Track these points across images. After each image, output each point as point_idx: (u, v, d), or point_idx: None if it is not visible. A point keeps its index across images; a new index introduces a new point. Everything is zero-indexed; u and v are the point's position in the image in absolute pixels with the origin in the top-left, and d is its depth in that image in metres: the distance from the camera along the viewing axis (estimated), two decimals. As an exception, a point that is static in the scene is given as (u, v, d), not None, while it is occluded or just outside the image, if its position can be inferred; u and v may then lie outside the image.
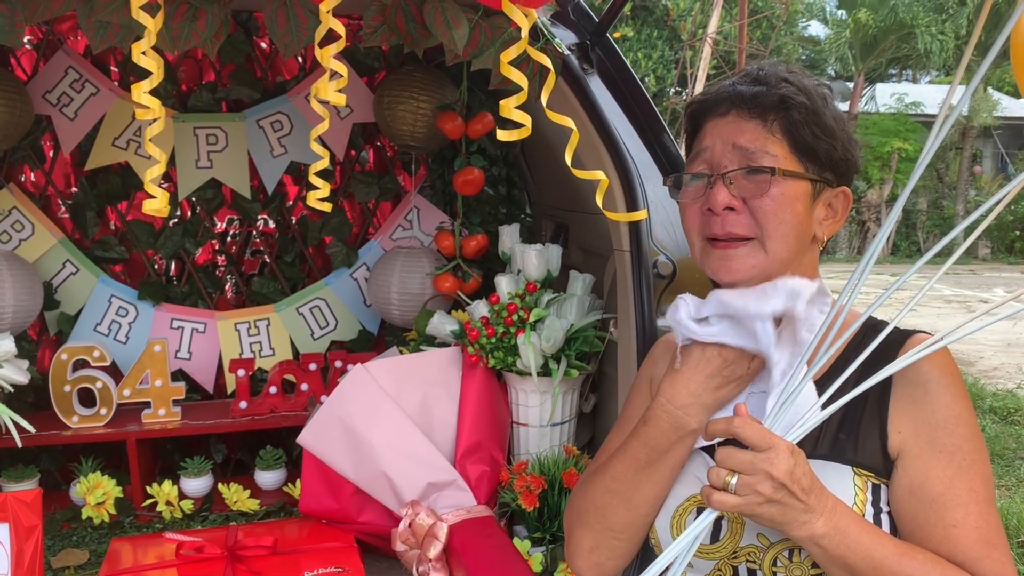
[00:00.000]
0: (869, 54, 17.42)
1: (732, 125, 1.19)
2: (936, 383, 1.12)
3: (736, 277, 1.17)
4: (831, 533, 1.01)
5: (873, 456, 1.13)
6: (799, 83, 1.19)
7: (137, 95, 1.57)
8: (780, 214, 1.15)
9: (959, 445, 1.10)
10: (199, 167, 2.90)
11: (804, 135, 1.16)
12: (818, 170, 1.18)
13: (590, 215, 2.52)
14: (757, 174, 1.15)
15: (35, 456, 2.75)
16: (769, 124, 1.17)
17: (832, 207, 1.22)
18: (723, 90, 1.22)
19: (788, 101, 1.16)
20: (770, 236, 1.15)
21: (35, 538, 1.83)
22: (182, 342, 2.93)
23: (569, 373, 2.30)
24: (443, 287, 2.79)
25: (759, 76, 1.20)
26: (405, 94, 2.75)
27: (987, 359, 8.57)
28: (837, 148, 1.19)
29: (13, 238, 2.78)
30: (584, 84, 1.96)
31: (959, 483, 1.08)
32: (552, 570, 2.16)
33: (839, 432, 1.15)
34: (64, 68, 2.76)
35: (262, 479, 2.71)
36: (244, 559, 2.03)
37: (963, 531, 1.07)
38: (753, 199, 1.15)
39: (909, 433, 1.11)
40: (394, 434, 2.23)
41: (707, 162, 1.20)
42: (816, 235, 1.21)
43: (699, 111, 1.25)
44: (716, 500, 1.01)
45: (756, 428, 1.02)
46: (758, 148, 1.16)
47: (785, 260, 1.17)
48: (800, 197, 1.16)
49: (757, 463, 0.99)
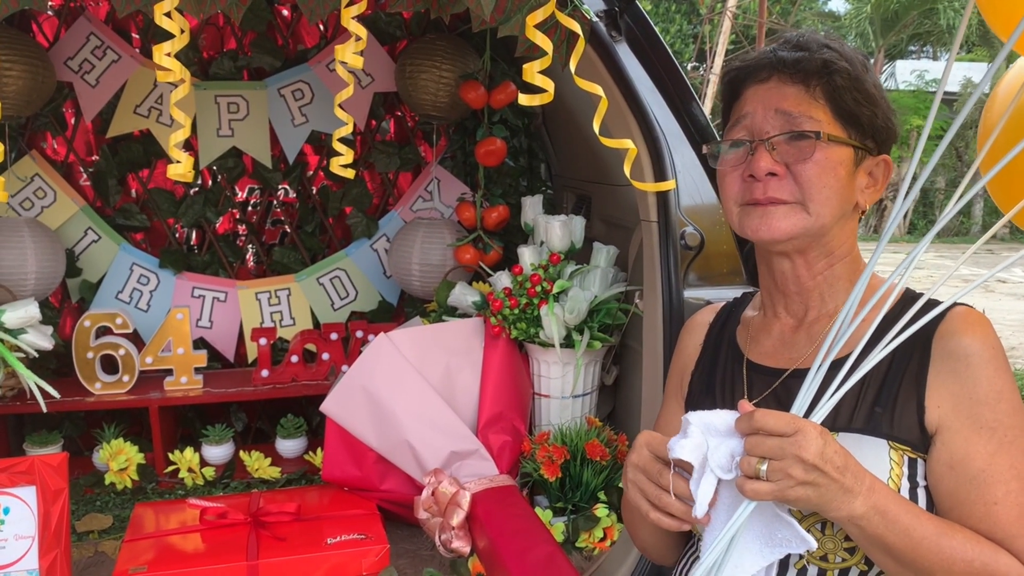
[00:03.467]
0: (890, 30, 17.16)
1: (774, 90, 1.17)
2: (978, 357, 1.09)
3: (776, 235, 1.16)
4: (870, 513, 0.99)
5: (910, 430, 1.11)
6: (841, 49, 1.18)
7: (159, 57, 1.55)
8: (823, 179, 1.14)
9: (1001, 420, 1.07)
10: (220, 135, 2.89)
11: (847, 101, 1.15)
12: (860, 137, 1.17)
13: (614, 186, 2.49)
14: (801, 139, 1.14)
15: (58, 422, 2.78)
16: (812, 89, 1.15)
17: (873, 175, 1.21)
18: (764, 56, 1.20)
19: (831, 66, 1.15)
20: (813, 199, 1.14)
21: (62, 501, 1.84)
22: (203, 311, 2.94)
23: (592, 345, 2.29)
24: (464, 258, 2.78)
25: (800, 42, 1.19)
26: (427, 63, 2.73)
27: (1006, 339, 8.51)
28: (879, 115, 1.18)
29: (36, 205, 2.78)
30: (612, 51, 1.93)
31: (1001, 459, 1.06)
32: (574, 540, 2.17)
33: (875, 405, 1.13)
34: (86, 35, 2.75)
35: (283, 447, 2.72)
36: (268, 525, 2.04)
37: (1004, 508, 1.05)
38: (796, 164, 1.14)
39: (949, 408, 1.09)
40: (417, 403, 2.23)
41: (747, 128, 1.19)
42: (858, 203, 1.20)
43: (738, 77, 1.23)
44: (750, 489, 0.99)
45: (779, 415, 1.00)
46: (801, 113, 1.15)
47: (827, 224, 1.16)
48: (843, 163, 1.15)
49: (786, 447, 0.97)
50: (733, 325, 1.37)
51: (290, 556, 1.91)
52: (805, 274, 1.22)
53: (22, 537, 1.81)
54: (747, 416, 1.01)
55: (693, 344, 1.40)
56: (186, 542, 1.99)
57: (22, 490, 1.81)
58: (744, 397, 1.24)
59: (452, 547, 2.09)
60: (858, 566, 1.12)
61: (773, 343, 1.27)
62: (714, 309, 1.43)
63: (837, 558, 1.12)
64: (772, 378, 1.23)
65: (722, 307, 1.43)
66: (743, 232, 1.20)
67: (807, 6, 20.23)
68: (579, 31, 1.67)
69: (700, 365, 1.36)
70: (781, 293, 1.26)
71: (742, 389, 1.26)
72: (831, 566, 1.13)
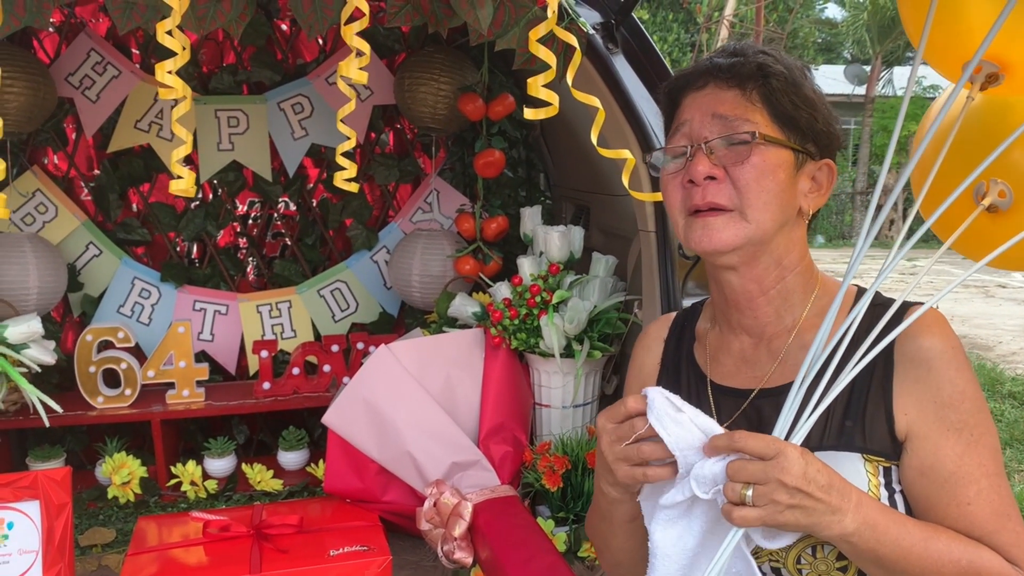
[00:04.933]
0: (887, 37, 17.23)
1: (711, 96, 1.17)
2: (938, 359, 1.10)
3: (717, 245, 1.15)
4: (861, 529, 1.00)
5: (882, 441, 1.11)
6: (777, 55, 1.19)
7: (161, 75, 1.57)
8: (761, 182, 1.13)
9: (966, 420, 1.09)
10: (220, 149, 2.91)
11: (784, 104, 1.15)
12: (800, 140, 1.16)
13: (612, 197, 2.51)
14: (738, 143, 1.14)
15: (60, 437, 2.78)
16: (748, 93, 1.15)
17: (816, 180, 1.20)
18: (701, 64, 1.21)
19: (766, 69, 1.15)
20: (751, 204, 1.13)
21: (65, 516, 1.84)
22: (204, 324, 2.95)
23: (592, 355, 2.30)
24: (464, 269, 2.79)
25: (736, 49, 1.20)
26: (426, 76, 2.75)
27: (1006, 344, 8.51)
28: (818, 119, 1.17)
29: (37, 220, 2.80)
30: (609, 64, 1.95)
31: (969, 459, 1.08)
32: (576, 550, 2.17)
33: (845, 420, 1.13)
34: (86, 50, 2.77)
35: (285, 460, 2.72)
36: (270, 537, 2.04)
37: (977, 507, 1.07)
38: (734, 167, 1.13)
39: (915, 414, 1.10)
40: (418, 414, 2.23)
41: (687, 136, 1.18)
42: (802, 208, 1.19)
43: (676, 87, 1.24)
44: (738, 516, 0.98)
45: (759, 437, 0.99)
46: (738, 116, 1.14)
47: (768, 230, 1.15)
48: (782, 165, 1.14)
49: (769, 471, 0.96)
50: (689, 341, 1.35)
51: (293, 568, 1.91)
52: (755, 288, 1.21)
53: (26, 552, 1.81)
54: (728, 435, 1.01)
55: (651, 361, 1.38)
56: (189, 555, 2.00)
57: (25, 504, 1.82)
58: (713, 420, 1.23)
59: (454, 558, 2.09)
60: None
61: (735, 362, 1.26)
62: (666, 322, 1.41)
63: None
64: (739, 399, 1.22)
65: (673, 319, 1.41)
66: (688, 245, 1.19)
67: (804, 13, 20.30)
68: (576, 45, 1.69)
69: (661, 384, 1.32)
70: (733, 308, 1.25)
71: (710, 411, 1.24)
72: None
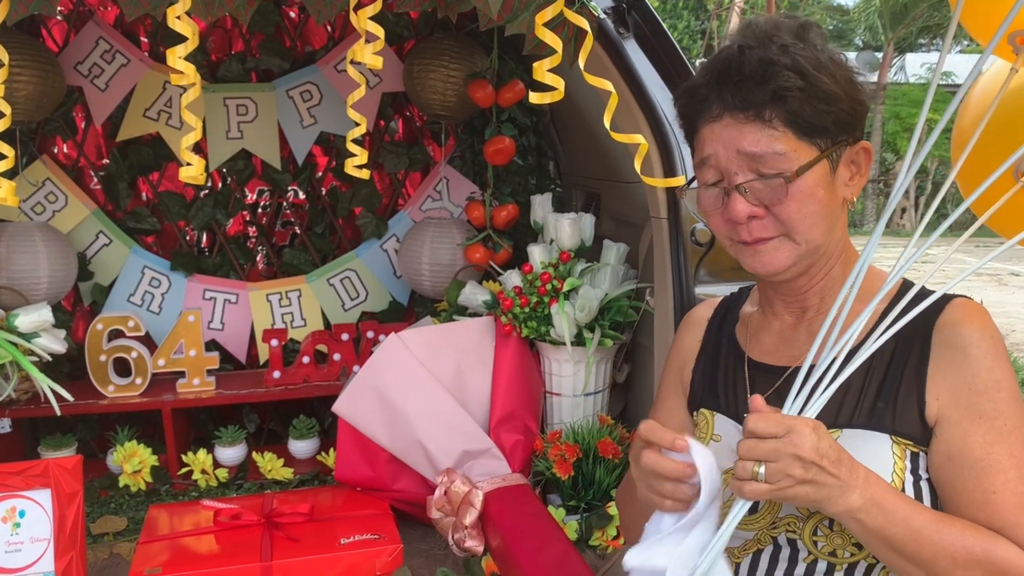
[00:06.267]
0: (899, 23, 17.08)
1: (731, 129, 1.10)
2: (976, 347, 1.08)
3: (773, 269, 1.14)
4: (867, 505, 0.99)
5: (912, 424, 1.10)
6: (784, 60, 1.08)
7: (172, 60, 1.56)
8: (803, 209, 1.10)
9: (1000, 410, 1.06)
10: (229, 138, 2.90)
11: (807, 116, 1.07)
12: (831, 140, 1.11)
13: (623, 184, 2.49)
14: (771, 179, 1.09)
15: (72, 425, 2.79)
16: (769, 119, 1.08)
17: (855, 163, 1.15)
18: (708, 90, 1.12)
19: (781, 92, 1.07)
20: (798, 232, 1.10)
21: (76, 504, 1.84)
22: (215, 313, 2.95)
23: (603, 343, 2.28)
24: (474, 258, 2.78)
25: (740, 67, 1.09)
26: (435, 62, 2.73)
27: (1019, 332, 8.45)
28: (844, 108, 1.10)
29: (47, 209, 2.79)
30: (620, 48, 1.93)
31: (999, 448, 1.06)
32: (587, 538, 2.17)
33: (877, 401, 1.12)
34: (95, 39, 2.76)
35: (296, 448, 2.72)
36: (281, 526, 2.04)
37: (1002, 497, 1.04)
38: (774, 206, 1.10)
39: (947, 399, 1.09)
40: (429, 403, 2.23)
41: (716, 169, 1.13)
42: (845, 198, 1.15)
43: (688, 112, 1.17)
44: (749, 491, 0.98)
45: (768, 418, 0.99)
46: (763, 151, 1.08)
47: (819, 243, 1.13)
48: (820, 182, 1.10)
49: (782, 448, 0.96)
50: (732, 322, 1.35)
51: (304, 557, 1.91)
52: (805, 283, 1.20)
53: (38, 540, 1.82)
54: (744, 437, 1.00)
55: (692, 340, 1.37)
56: (200, 543, 2.00)
57: (37, 493, 1.82)
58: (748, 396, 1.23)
59: (465, 546, 2.09)
60: (866, 560, 1.11)
61: (773, 340, 1.26)
62: (712, 304, 1.41)
63: (846, 553, 1.12)
64: (774, 376, 1.22)
65: (720, 302, 1.40)
66: (743, 265, 1.18)
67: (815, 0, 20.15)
68: (587, 28, 1.67)
69: (700, 363, 1.34)
70: (780, 297, 1.25)
71: (744, 388, 1.24)
72: (840, 560, 1.12)
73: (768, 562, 1.18)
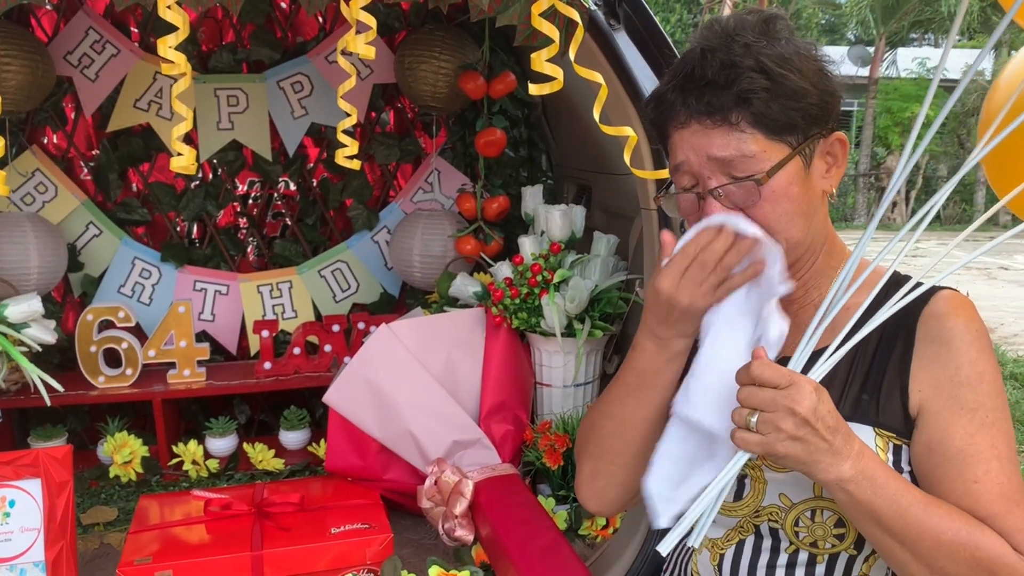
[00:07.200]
0: (891, 17, 17.09)
1: (698, 135, 1.10)
2: (960, 340, 1.10)
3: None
4: (858, 477, 1.00)
5: (895, 416, 1.11)
6: (746, 62, 1.07)
7: (163, 50, 1.56)
8: (778, 209, 1.10)
9: (982, 402, 1.08)
10: (220, 129, 2.89)
11: (775, 115, 1.07)
12: (802, 135, 1.10)
13: (614, 176, 2.50)
14: (744, 182, 1.09)
15: (62, 416, 2.79)
16: (735, 122, 1.08)
17: (831, 155, 1.15)
18: (674, 96, 1.12)
19: (745, 94, 1.06)
20: (775, 231, 1.10)
21: (67, 494, 1.85)
22: (205, 304, 2.94)
23: (593, 334, 2.29)
24: (465, 249, 2.79)
25: (704, 72, 1.09)
26: (426, 54, 2.73)
27: (1008, 325, 8.50)
28: (813, 102, 1.09)
29: (37, 200, 2.79)
30: (611, 40, 1.93)
31: (981, 439, 1.07)
32: (577, 527, 2.18)
33: (862, 393, 1.14)
34: (85, 29, 2.75)
35: (286, 439, 2.73)
36: (272, 516, 2.05)
37: (984, 487, 1.05)
38: (749, 208, 1.10)
39: (930, 391, 1.10)
40: (419, 393, 2.23)
41: (690, 174, 1.14)
42: (824, 190, 1.15)
43: (658, 120, 1.18)
44: (739, 438, 1.00)
45: (775, 367, 1.00)
46: (733, 154, 1.08)
47: (800, 239, 1.13)
48: (793, 179, 1.10)
49: (779, 399, 0.97)
50: None
51: (294, 546, 1.92)
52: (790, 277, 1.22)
53: (28, 529, 1.82)
54: (745, 368, 1.02)
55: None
56: (191, 533, 2.00)
57: (27, 483, 1.82)
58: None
59: (455, 536, 2.10)
60: (847, 551, 1.13)
61: None
62: None
63: (827, 544, 1.13)
64: None
65: None
66: None
67: (807, -6, 20.15)
68: (578, 19, 1.67)
69: None
70: None
71: None
72: (821, 551, 1.14)
73: (751, 552, 1.19)
